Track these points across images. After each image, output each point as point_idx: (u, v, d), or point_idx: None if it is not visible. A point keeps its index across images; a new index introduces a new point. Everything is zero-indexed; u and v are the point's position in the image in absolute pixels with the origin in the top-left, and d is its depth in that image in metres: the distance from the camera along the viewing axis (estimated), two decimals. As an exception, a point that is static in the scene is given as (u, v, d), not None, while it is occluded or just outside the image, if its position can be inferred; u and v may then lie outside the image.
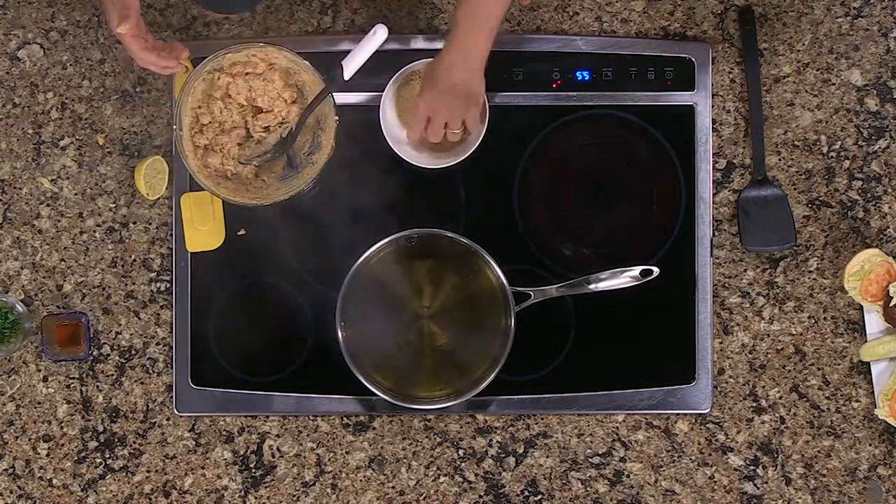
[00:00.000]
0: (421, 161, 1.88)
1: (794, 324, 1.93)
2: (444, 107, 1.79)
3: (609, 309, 1.90)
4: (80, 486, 1.93)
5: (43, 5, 1.95)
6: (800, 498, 1.92)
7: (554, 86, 1.92)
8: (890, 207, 1.93)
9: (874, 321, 1.89)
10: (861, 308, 1.91)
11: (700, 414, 1.92)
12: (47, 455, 1.93)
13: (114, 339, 1.94)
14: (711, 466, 1.93)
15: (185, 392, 1.92)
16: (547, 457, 1.93)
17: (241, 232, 1.93)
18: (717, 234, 1.93)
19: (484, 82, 1.79)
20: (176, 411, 1.92)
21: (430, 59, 1.83)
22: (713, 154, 1.93)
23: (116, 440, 1.93)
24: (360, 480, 1.93)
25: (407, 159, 1.88)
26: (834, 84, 1.94)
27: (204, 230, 1.91)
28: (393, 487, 1.93)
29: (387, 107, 1.89)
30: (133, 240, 1.94)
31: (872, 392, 1.91)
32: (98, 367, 1.93)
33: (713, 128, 1.93)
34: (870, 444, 1.92)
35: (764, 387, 1.93)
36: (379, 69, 1.86)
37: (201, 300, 1.92)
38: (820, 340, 1.93)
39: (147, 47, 1.72)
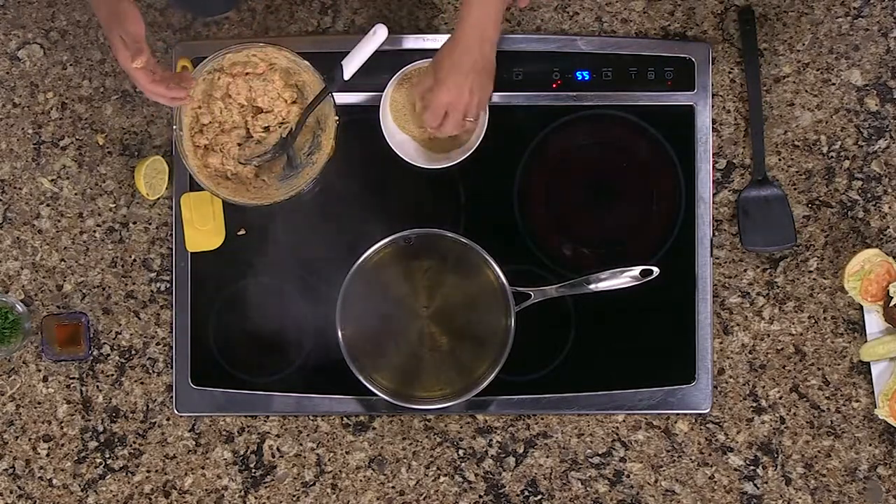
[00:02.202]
0: (421, 161, 1.88)
1: (794, 324, 1.93)
2: (470, 89, 1.74)
3: (609, 309, 1.90)
4: (80, 486, 1.93)
5: (43, 5, 1.95)
6: (800, 498, 1.92)
7: (554, 86, 1.92)
8: (890, 207, 1.93)
9: (874, 321, 1.89)
10: (861, 308, 1.91)
11: (700, 414, 1.92)
12: (47, 455, 1.93)
13: (114, 339, 1.94)
14: (711, 466, 1.93)
15: (185, 392, 1.92)
16: (547, 457, 1.93)
17: (241, 232, 1.93)
18: (717, 234, 1.93)
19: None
20: (176, 411, 1.92)
21: (429, 60, 1.83)
22: (713, 154, 1.93)
23: (116, 440, 1.93)
24: (360, 480, 1.93)
25: (407, 159, 1.88)
26: (834, 84, 1.94)
27: (204, 230, 1.91)
28: (393, 487, 1.93)
29: (387, 107, 1.89)
30: (133, 240, 1.94)
31: (872, 392, 1.91)
32: (98, 367, 1.93)
33: (713, 128, 1.93)
34: (870, 444, 1.92)
35: (764, 387, 1.93)
36: (379, 69, 1.86)
37: (201, 300, 1.92)
38: (820, 340, 1.93)
39: (156, 80, 1.71)
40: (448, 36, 1.76)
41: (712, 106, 1.93)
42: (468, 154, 1.87)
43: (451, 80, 1.74)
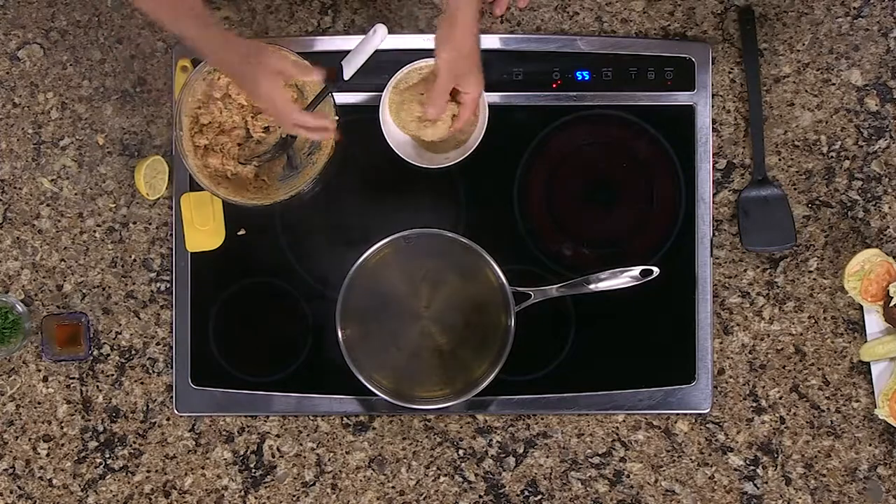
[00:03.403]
0: (421, 161, 1.88)
1: (794, 324, 1.93)
2: (469, 69, 1.74)
3: (609, 309, 1.90)
4: (80, 486, 1.93)
5: (43, 5, 1.95)
6: (800, 498, 1.92)
7: (554, 86, 1.92)
8: (890, 207, 1.93)
9: (874, 321, 1.89)
10: (861, 308, 1.91)
11: (700, 414, 1.92)
12: (47, 455, 1.93)
13: (114, 339, 1.94)
14: (711, 466, 1.93)
15: (185, 392, 1.92)
16: (547, 457, 1.93)
17: (241, 232, 1.93)
18: (717, 234, 1.93)
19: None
20: (176, 411, 1.92)
21: (429, 59, 1.83)
22: (713, 154, 1.93)
23: (116, 440, 1.93)
24: (360, 480, 1.93)
25: (407, 159, 1.88)
26: (834, 84, 1.94)
27: (204, 230, 1.91)
28: (393, 487, 1.93)
29: (386, 107, 1.89)
30: (133, 240, 1.94)
31: (872, 392, 1.91)
32: (98, 367, 1.93)
33: (713, 128, 1.93)
34: (870, 444, 1.92)
35: (764, 387, 1.93)
36: (379, 69, 1.86)
37: (201, 300, 1.92)
38: (820, 340, 1.93)
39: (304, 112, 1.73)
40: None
41: (712, 106, 1.93)
42: (468, 154, 1.87)
43: (449, 61, 1.72)
